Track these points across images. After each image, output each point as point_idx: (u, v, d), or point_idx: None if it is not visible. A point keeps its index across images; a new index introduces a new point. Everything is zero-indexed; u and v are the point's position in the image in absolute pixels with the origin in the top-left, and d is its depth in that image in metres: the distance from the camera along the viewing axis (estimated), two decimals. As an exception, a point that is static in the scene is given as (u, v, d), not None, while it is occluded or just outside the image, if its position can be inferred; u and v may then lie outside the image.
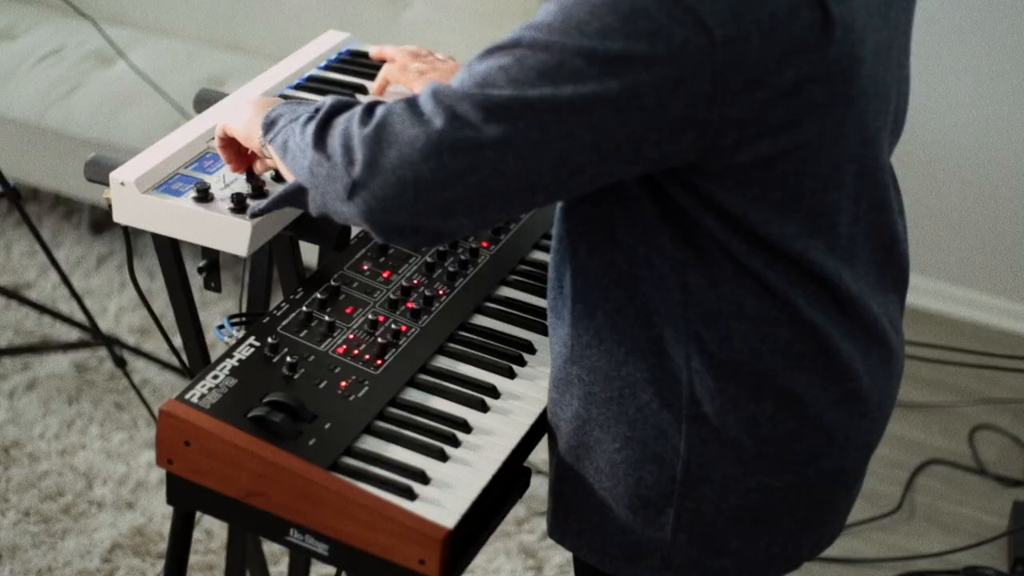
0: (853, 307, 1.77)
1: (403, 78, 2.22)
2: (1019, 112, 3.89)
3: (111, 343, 3.29)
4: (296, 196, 1.75)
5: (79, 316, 3.59)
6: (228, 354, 1.92)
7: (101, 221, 4.18)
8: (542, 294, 2.10)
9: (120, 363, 3.14)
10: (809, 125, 1.60)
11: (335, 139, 1.64)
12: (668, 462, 1.77)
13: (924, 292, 4.11)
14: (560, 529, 1.91)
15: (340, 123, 1.65)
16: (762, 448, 1.77)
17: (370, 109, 1.63)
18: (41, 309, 3.64)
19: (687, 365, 1.73)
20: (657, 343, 1.73)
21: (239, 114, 1.90)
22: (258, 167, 1.96)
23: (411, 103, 1.59)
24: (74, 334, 3.69)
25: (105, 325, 3.74)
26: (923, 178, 3.98)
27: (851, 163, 1.70)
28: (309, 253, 2.34)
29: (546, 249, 2.19)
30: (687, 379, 1.73)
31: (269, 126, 1.80)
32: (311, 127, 1.69)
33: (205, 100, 2.30)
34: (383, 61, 2.31)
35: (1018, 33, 3.81)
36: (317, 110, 1.72)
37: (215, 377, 1.87)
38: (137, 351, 3.62)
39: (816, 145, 1.63)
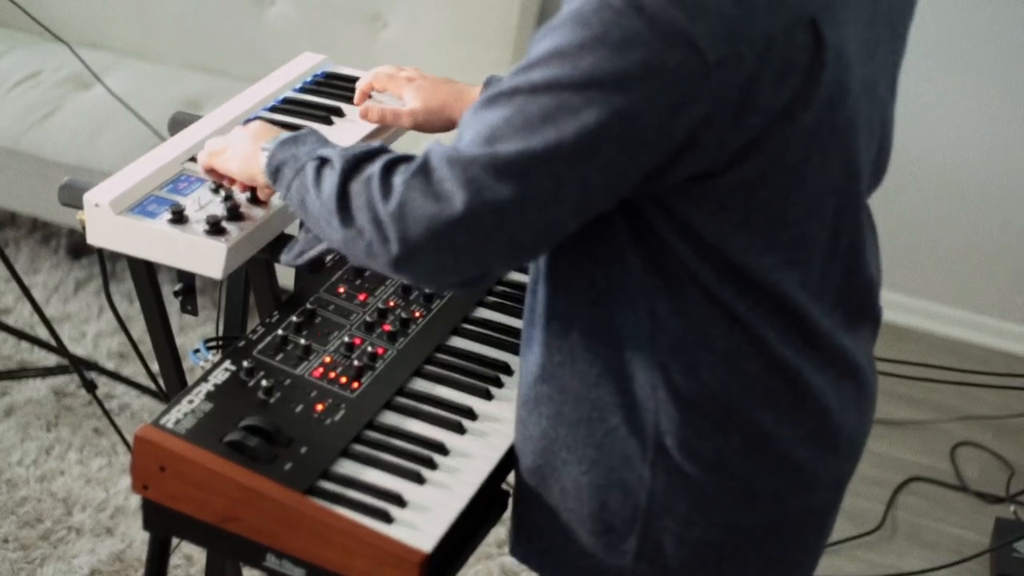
0: (823, 342, 1.76)
1: (392, 84, 2.21)
2: (995, 129, 3.90)
3: (80, 366, 3.27)
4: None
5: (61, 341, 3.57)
6: (203, 378, 1.91)
7: (79, 246, 4.16)
8: (519, 315, 2.10)
9: (90, 387, 3.12)
10: (797, 149, 1.59)
11: (361, 213, 1.63)
12: (633, 490, 1.76)
13: (903, 309, 4.12)
14: (522, 549, 1.90)
15: (359, 193, 1.64)
16: (728, 483, 1.75)
17: (386, 178, 1.62)
18: (19, 335, 3.61)
19: (653, 394, 1.71)
20: (627, 368, 1.72)
21: (229, 153, 1.92)
22: (264, 195, 1.97)
23: (426, 172, 1.58)
24: (52, 359, 3.68)
25: (84, 350, 3.72)
26: (900, 194, 3.98)
27: (834, 196, 1.69)
28: (286, 275, 2.33)
29: (524, 270, 2.18)
30: (653, 408, 1.71)
31: (274, 174, 1.80)
32: (329, 193, 1.68)
33: (179, 123, 2.29)
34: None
35: (995, 50, 3.81)
36: (323, 161, 1.71)
37: (190, 402, 1.86)
38: (115, 376, 3.60)
39: (802, 172, 1.62)
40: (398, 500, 1.78)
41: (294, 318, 2.02)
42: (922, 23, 3.75)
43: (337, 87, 2.40)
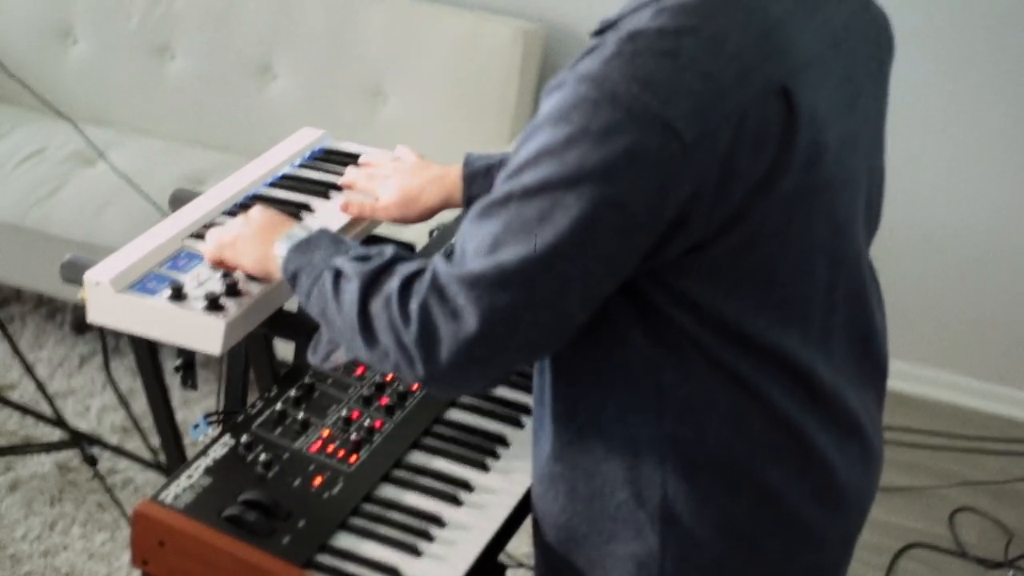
0: (828, 399, 1.77)
1: (369, 186, 2.28)
2: (995, 196, 3.92)
3: (82, 441, 3.29)
4: None
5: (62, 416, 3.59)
6: (203, 453, 1.92)
7: (84, 321, 4.12)
8: (516, 387, 2.12)
9: (91, 462, 3.14)
10: (780, 213, 1.62)
11: (384, 335, 1.66)
12: (646, 562, 1.77)
13: (900, 375, 4.12)
14: None
15: (380, 314, 1.67)
16: (738, 545, 1.76)
17: (404, 300, 1.64)
18: (22, 410, 3.63)
19: (661, 467, 1.73)
20: (633, 444, 1.74)
21: (240, 248, 1.95)
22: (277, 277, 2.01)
23: (440, 293, 1.61)
24: (56, 434, 3.69)
25: (88, 425, 3.74)
26: (900, 261, 4.00)
27: (822, 253, 1.71)
28: (285, 349, 2.35)
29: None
30: (661, 480, 1.73)
31: (292, 280, 1.83)
32: (350, 311, 1.70)
33: (180, 199, 2.32)
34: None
35: (997, 118, 3.84)
36: (338, 272, 1.74)
37: (189, 476, 1.87)
38: (117, 450, 3.61)
39: (785, 234, 1.64)
40: (395, 573, 1.79)
41: (292, 392, 2.04)
42: (924, 89, 3.81)
43: (335, 162, 2.43)
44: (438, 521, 1.89)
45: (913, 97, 3.80)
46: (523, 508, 1.95)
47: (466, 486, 1.96)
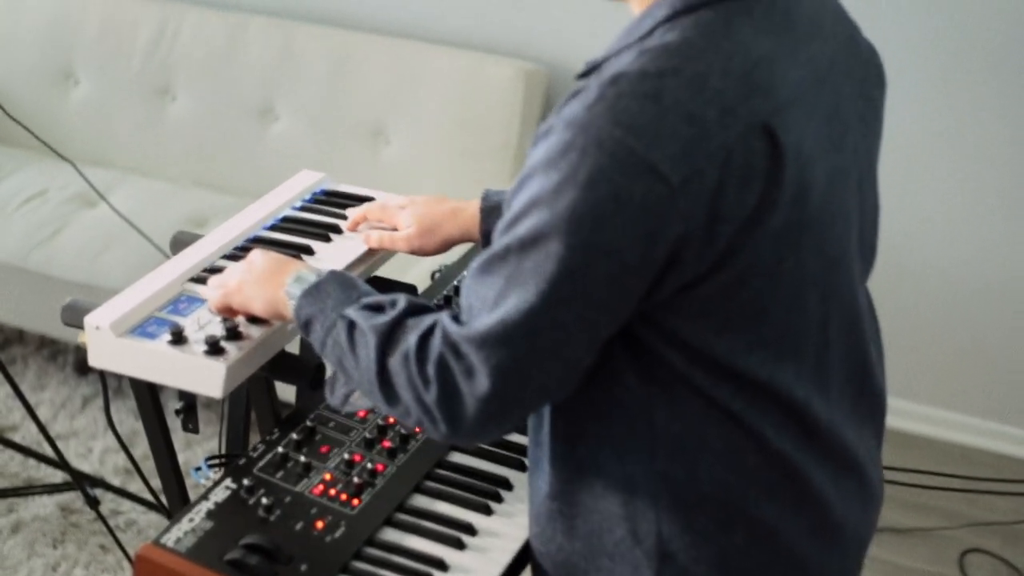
0: (824, 435, 1.77)
1: (384, 215, 2.26)
2: (997, 234, 3.92)
3: (84, 483, 3.28)
4: None
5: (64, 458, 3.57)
6: (204, 496, 1.91)
7: (86, 362, 4.14)
8: (518, 429, 2.11)
9: (93, 504, 3.13)
10: (769, 249, 1.62)
11: (405, 393, 1.67)
12: None
13: (910, 416, 4.12)
14: None
15: (399, 372, 1.68)
16: None
17: (422, 360, 1.65)
18: (25, 452, 3.62)
19: (655, 505, 1.73)
20: (629, 482, 1.74)
21: (248, 293, 1.95)
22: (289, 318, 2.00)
23: (455, 353, 1.62)
24: (59, 476, 3.68)
25: (90, 466, 3.73)
26: (905, 300, 4.00)
27: (814, 288, 1.71)
28: (287, 390, 2.34)
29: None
30: (655, 518, 1.72)
31: (305, 327, 1.83)
32: (367, 366, 1.71)
33: (181, 242, 2.32)
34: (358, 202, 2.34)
35: (995, 157, 3.84)
36: (352, 323, 1.74)
37: (191, 520, 1.86)
38: (120, 491, 3.60)
39: (776, 270, 1.64)
40: (398, 617, 1.78)
41: (294, 435, 2.04)
42: (917, 128, 3.81)
43: (335, 204, 2.43)
44: (441, 565, 1.87)
45: (909, 134, 3.79)
46: (527, 551, 1.94)
47: (469, 529, 1.94)
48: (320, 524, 1.90)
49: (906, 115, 3.69)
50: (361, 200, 2.42)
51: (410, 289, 2.26)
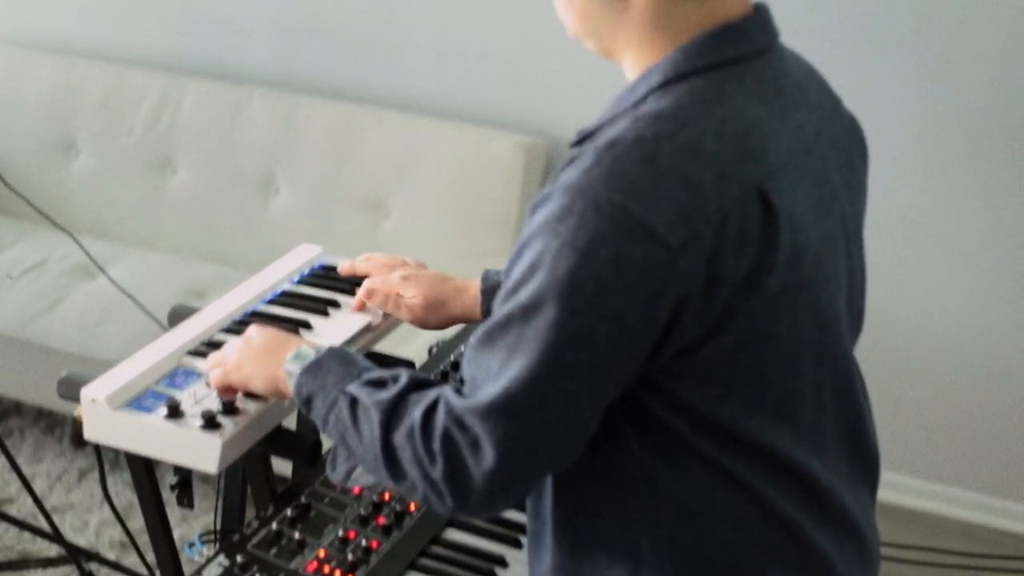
0: (823, 497, 1.76)
1: (387, 287, 2.26)
2: (996, 307, 3.91)
3: (79, 557, 3.25)
4: None
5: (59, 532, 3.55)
6: (197, 573, 1.90)
7: (83, 435, 4.15)
8: (515, 506, 2.10)
9: (88, 578, 3.11)
10: (767, 312, 1.62)
11: (411, 468, 1.66)
12: None
13: (908, 491, 4.10)
14: None
15: (404, 447, 1.67)
16: None
17: (427, 434, 1.65)
18: (20, 525, 3.60)
19: (662, 571, 1.72)
20: (633, 549, 1.72)
21: (247, 371, 1.94)
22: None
23: (461, 428, 1.62)
24: (54, 550, 3.65)
25: (86, 540, 3.70)
26: (903, 374, 3.99)
27: (809, 351, 1.71)
28: (283, 464, 2.33)
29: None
30: None
31: (306, 404, 1.82)
32: (371, 443, 1.70)
33: (179, 315, 2.31)
34: (354, 277, 2.34)
35: (993, 229, 3.84)
36: (354, 399, 1.73)
37: (184, 598, 1.85)
38: (115, 566, 3.57)
39: (774, 333, 1.65)
40: None
41: (289, 511, 2.02)
42: (918, 201, 3.81)
43: (333, 279, 2.43)
44: (436, 644, 1.86)
45: (911, 206, 3.80)
46: (523, 630, 1.93)
47: (465, 607, 1.93)
48: (314, 602, 1.89)
49: (899, 195, 3.70)
50: (359, 281, 2.41)
51: (408, 364, 2.25)
